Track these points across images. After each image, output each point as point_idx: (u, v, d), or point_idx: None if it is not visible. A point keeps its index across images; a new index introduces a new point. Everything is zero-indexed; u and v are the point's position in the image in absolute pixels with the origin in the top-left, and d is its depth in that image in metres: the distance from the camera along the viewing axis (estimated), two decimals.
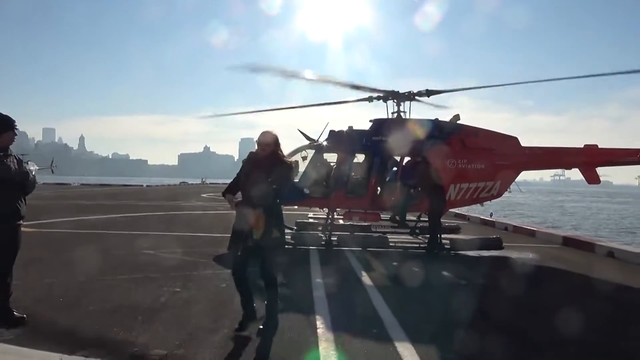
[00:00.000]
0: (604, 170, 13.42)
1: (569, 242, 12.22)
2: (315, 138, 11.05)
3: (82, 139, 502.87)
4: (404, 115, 11.21)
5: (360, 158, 11.05)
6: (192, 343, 4.34)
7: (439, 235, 10.36)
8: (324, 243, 10.31)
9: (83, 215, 15.73)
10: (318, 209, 12.90)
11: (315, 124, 11.58)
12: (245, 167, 4.81)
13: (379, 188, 10.81)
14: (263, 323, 4.69)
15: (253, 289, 4.85)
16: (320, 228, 11.34)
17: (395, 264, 9.11)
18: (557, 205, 59.14)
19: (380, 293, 6.59)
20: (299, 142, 11.21)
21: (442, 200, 10.33)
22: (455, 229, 12.20)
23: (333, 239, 10.39)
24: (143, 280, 6.86)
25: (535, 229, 14.57)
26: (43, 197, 23.32)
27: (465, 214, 18.64)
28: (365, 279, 7.58)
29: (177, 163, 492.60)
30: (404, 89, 11.26)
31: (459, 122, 10.97)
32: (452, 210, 15.46)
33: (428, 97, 11.13)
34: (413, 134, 10.39)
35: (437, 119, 10.97)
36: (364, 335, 4.82)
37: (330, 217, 10.86)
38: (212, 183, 68.38)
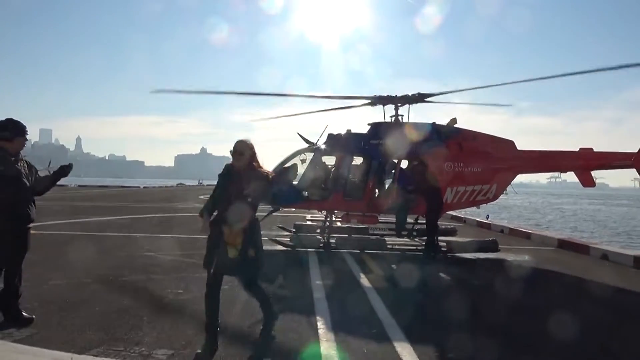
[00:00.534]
0: (600, 173, 13.58)
1: (564, 244, 12.40)
2: (314, 141, 11.19)
3: (79, 140, 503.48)
4: (402, 119, 11.36)
5: (359, 161, 11.17)
6: (197, 343, 4.46)
7: (436, 238, 10.51)
8: (322, 245, 10.45)
9: (82, 217, 15.78)
10: (316, 211, 13.04)
11: (315, 126, 11.75)
12: (221, 181, 4.45)
13: (377, 191, 10.96)
14: (263, 323, 4.73)
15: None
16: (319, 230, 11.48)
17: (393, 266, 9.27)
18: (554, 208, 59.38)
19: (379, 295, 6.73)
20: (299, 144, 11.38)
21: (439, 203, 10.47)
22: (452, 232, 12.38)
23: (331, 241, 10.53)
24: (146, 282, 7.00)
25: (531, 232, 14.75)
26: (41, 198, 23.23)
27: (462, 217, 18.82)
28: (364, 281, 7.71)
29: (173, 164, 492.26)
30: (404, 91, 11.42)
31: (456, 125, 11.15)
32: (448, 213, 15.63)
33: (423, 100, 11.27)
34: (411, 138, 10.54)
35: (434, 123, 11.11)
36: (364, 336, 4.98)
37: (329, 219, 11.01)
38: (209, 184, 68.27)
